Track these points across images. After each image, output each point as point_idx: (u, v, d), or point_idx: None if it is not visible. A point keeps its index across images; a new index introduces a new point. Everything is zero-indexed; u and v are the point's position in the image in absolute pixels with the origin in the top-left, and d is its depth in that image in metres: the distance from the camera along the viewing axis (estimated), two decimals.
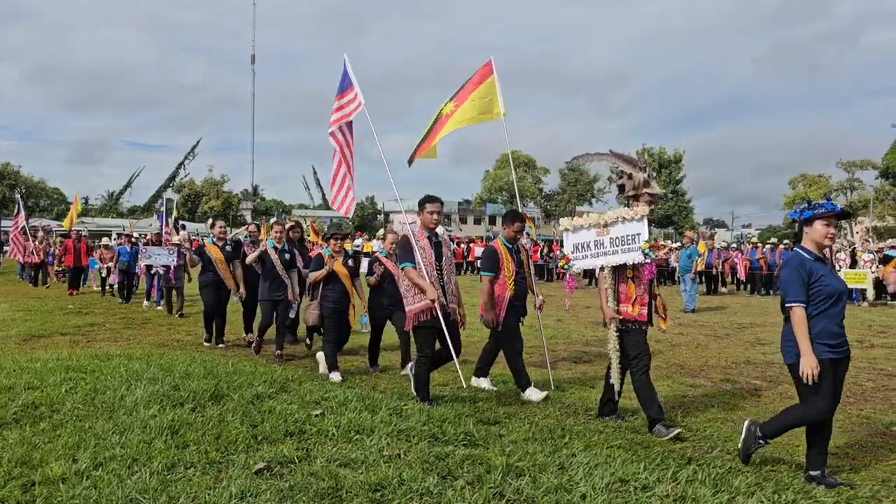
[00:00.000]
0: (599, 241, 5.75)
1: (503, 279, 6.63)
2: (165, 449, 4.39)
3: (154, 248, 15.06)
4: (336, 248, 7.95)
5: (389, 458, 4.37)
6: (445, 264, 6.18)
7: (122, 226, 40.53)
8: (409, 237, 6.12)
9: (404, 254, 6.03)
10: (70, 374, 6.65)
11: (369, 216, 71.51)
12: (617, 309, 5.56)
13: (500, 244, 6.83)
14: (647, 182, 5.84)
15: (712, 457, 4.77)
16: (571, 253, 5.94)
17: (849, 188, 58.94)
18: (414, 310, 5.99)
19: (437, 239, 6.20)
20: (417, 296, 5.98)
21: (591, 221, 5.81)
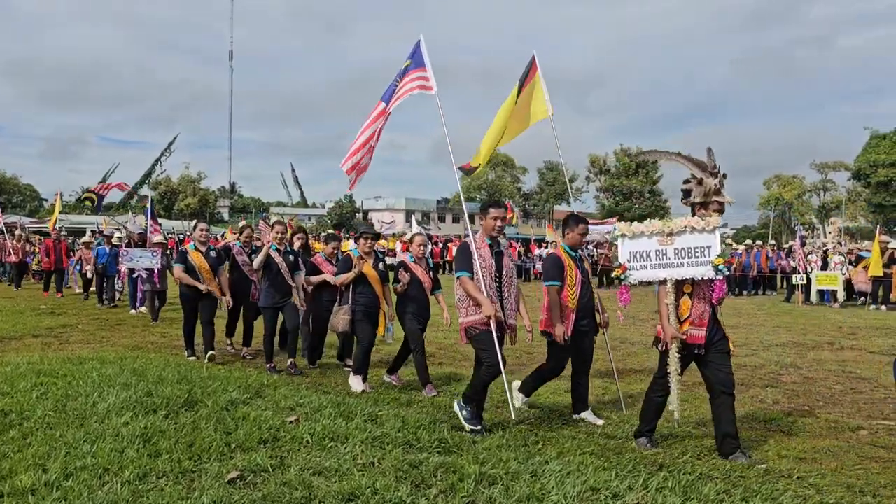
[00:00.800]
0: (662, 251, 5.24)
1: (567, 289, 6.00)
2: (137, 458, 4.36)
3: (136, 250, 14.08)
4: (366, 249, 7.40)
5: (363, 466, 4.38)
6: (506, 276, 5.72)
7: (97, 223, 40.00)
8: (470, 244, 5.65)
9: (462, 261, 5.61)
10: (41, 378, 6.56)
11: (347, 214, 71.22)
12: (677, 327, 5.07)
13: (563, 251, 6.14)
14: (718, 189, 5.38)
15: (683, 462, 4.84)
16: (628, 261, 5.42)
17: (822, 189, 59.97)
18: (467, 323, 5.59)
19: (498, 248, 5.74)
20: (472, 308, 5.56)
21: (654, 228, 5.32)
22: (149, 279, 13.14)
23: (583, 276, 6.08)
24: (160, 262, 13.15)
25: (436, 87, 6.71)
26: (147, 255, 13.37)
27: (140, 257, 13.44)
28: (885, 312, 16.82)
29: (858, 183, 53.33)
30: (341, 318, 7.31)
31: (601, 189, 60.65)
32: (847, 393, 7.59)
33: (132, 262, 13.52)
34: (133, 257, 13.56)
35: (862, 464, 5.06)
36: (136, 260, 13.44)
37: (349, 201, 75.74)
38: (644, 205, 57.77)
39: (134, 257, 13.54)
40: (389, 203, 77.68)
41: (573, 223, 6.19)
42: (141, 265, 13.35)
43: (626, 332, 12.08)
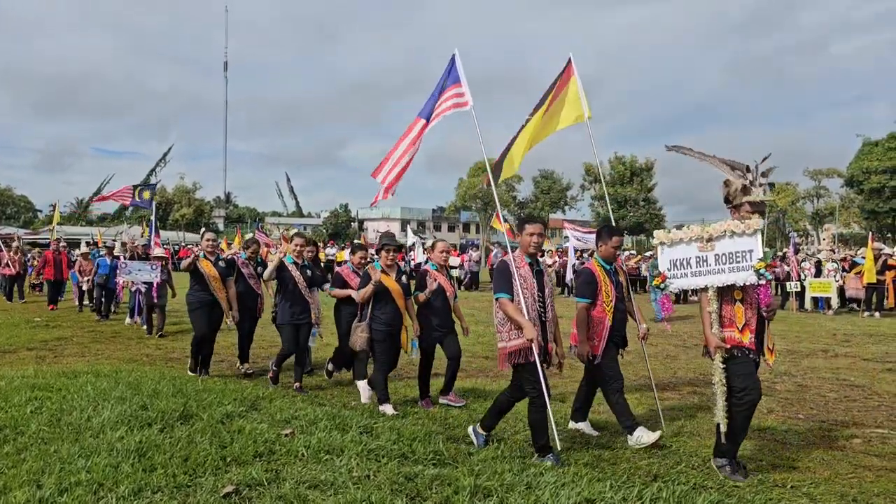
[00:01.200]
0: (702, 257, 5.04)
1: (601, 305, 5.77)
2: (132, 473, 4.36)
3: (135, 262, 13.28)
4: (388, 262, 6.99)
5: (359, 479, 4.38)
6: (548, 296, 5.38)
7: (92, 234, 39.93)
8: (509, 263, 5.31)
9: (501, 282, 5.25)
10: (36, 392, 6.56)
11: (343, 224, 71.22)
12: (722, 336, 4.87)
13: (597, 265, 5.90)
14: (747, 188, 5.16)
15: (677, 472, 4.86)
16: (668, 270, 5.19)
17: (815, 196, 60.11)
18: (509, 348, 5.20)
19: (538, 266, 5.40)
20: (514, 331, 5.17)
21: (692, 235, 5.11)
22: (146, 293, 12.77)
23: (617, 290, 5.86)
24: (159, 275, 12.63)
25: (471, 102, 6.60)
26: (146, 269, 12.78)
27: (139, 270, 12.86)
28: (879, 319, 16.87)
29: (851, 190, 53.52)
30: (359, 335, 6.85)
31: (596, 197, 60.72)
32: (841, 401, 7.62)
33: (129, 274, 13.02)
34: (131, 270, 12.97)
35: (855, 472, 5.08)
36: (135, 273, 12.91)
37: (344, 211, 75.79)
38: (639, 213, 57.91)
39: (132, 270, 12.95)
40: (385, 212, 77.75)
41: (606, 235, 5.96)
42: (139, 278, 12.89)
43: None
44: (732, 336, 4.87)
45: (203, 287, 8.48)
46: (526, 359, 5.15)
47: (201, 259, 8.52)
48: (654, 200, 59.11)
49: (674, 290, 5.33)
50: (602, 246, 5.97)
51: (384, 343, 6.81)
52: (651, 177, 58.75)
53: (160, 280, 12.60)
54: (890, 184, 48.01)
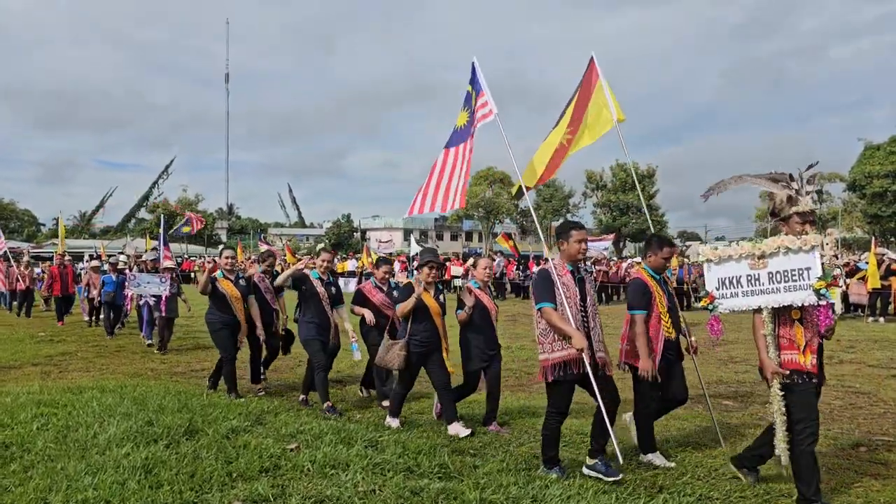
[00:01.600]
0: (754, 275, 4.67)
1: (657, 316, 5.43)
2: (139, 490, 4.37)
3: (144, 275, 12.92)
4: (429, 280, 6.54)
5: (365, 494, 4.39)
6: (590, 305, 5.13)
7: (95, 247, 40.06)
8: (550, 271, 5.08)
9: (543, 291, 5.01)
10: (41, 409, 6.59)
11: (345, 234, 71.30)
12: (780, 360, 4.52)
13: (647, 275, 5.57)
14: (792, 199, 4.85)
15: (682, 484, 4.85)
16: (716, 289, 4.82)
17: (818, 201, 60.05)
18: (553, 360, 4.93)
19: (580, 274, 5.16)
20: (557, 342, 4.94)
21: (743, 251, 4.76)
22: (156, 306, 12.43)
23: (668, 300, 5.55)
24: (169, 288, 12.35)
25: (496, 110, 6.42)
26: (155, 281, 12.45)
27: (147, 282, 12.51)
28: (884, 325, 16.84)
29: (854, 194, 53.52)
30: (396, 353, 6.43)
31: (598, 205, 60.80)
32: (846, 408, 7.61)
33: (139, 287, 12.62)
34: (140, 282, 12.61)
35: (861, 481, 5.07)
36: (144, 285, 12.54)
37: (347, 221, 75.90)
38: (641, 219, 57.94)
39: (141, 282, 12.59)
40: (387, 222, 77.90)
41: (657, 245, 5.63)
42: (148, 291, 12.51)
43: None
44: (793, 359, 4.51)
45: (224, 307, 7.97)
46: (569, 372, 4.91)
47: (220, 279, 8.02)
48: (656, 207, 59.14)
49: (723, 311, 4.83)
50: (651, 256, 5.62)
51: (418, 364, 6.54)
52: (653, 183, 58.82)
53: (169, 293, 12.31)
54: (892, 188, 48.00)
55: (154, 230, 59.83)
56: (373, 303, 7.63)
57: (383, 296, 7.66)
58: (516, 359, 11.13)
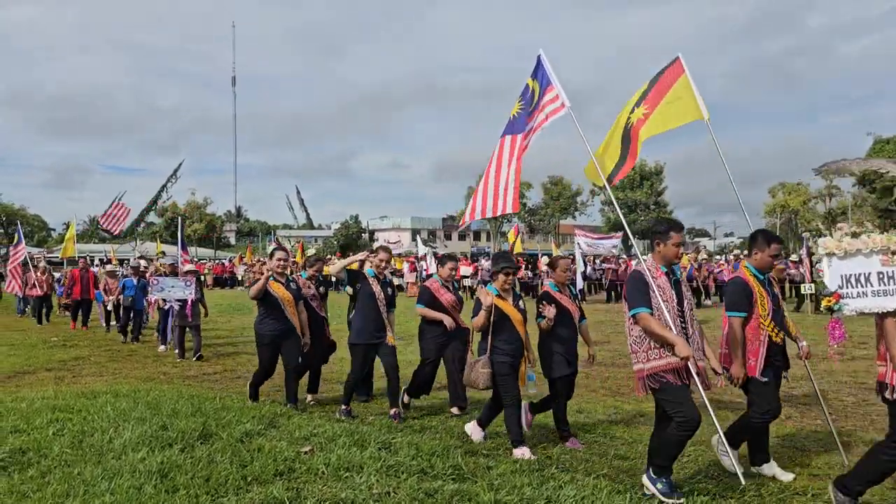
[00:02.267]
0: (887, 273, 4.19)
1: (756, 320, 4.98)
2: (155, 494, 4.41)
3: (168, 279, 12.50)
4: (506, 286, 5.95)
5: (379, 496, 4.41)
6: (687, 308, 4.73)
7: (105, 251, 40.28)
8: (644, 273, 4.67)
9: (637, 295, 4.58)
10: (57, 414, 6.63)
11: (353, 235, 71.42)
12: None
13: (749, 274, 5.09)
14: None
15: (696, 483, 4.86)
16: (841, 287, 4.36)
17: (827, 195, 59.79)
18: (651, 369, 4.51)
19: (676, 276, 4.74)
20: (653, 350, 4.52)
21: (874, 245, 4.26)
22: (180, 312, 11.88)
23: (773, 302, 5.08)
24: (193, 292, 11.91)
25: (568, 103, 5.99)
26: (179, 285, 11.96)
27: (171, 287, 12.03)
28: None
29: (864, 188, 53.23)
30: (481, 372, 5.84)
31: (606, 202, 60.68)
32: (859, 405, 7.58)
33: (163, 291, 12.14)
34: (164, 287, 12.13)
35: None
36: (168, 290, 12.04)
37: (355, 222, 76.04)
38: (649, 217, 57.82)
39: (165, 287, 12.11)
40: (395, 222, 78.02)
41: (763, 241, 5.11)
42: (172, 296, 11.97)
43: None
44: None
45: (277, 314, 7.38)
46: (668, 381, 4.49)
47: (271, 282, 7.43)
48: (664, 204, 59.08)
49: (848, 313, 4.37)
50: (757, 254, 5.10)
51: (509, 377, 5.83)
52: (661, 180, 58.73)
53: (194, 298, 11.91)
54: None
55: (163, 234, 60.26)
56: (442, 303, 7.16)
57: (452, 296, 7.24)
58: None
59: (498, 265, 6.04)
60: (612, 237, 27.81)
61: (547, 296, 6.16)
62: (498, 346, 5.84)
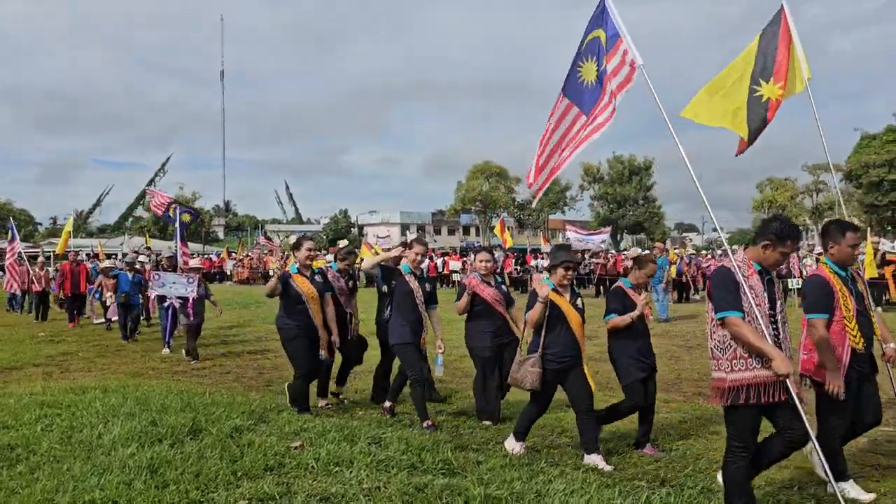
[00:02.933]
0: None
1: (840, 322, 4.50)
2: (145, 490, 4.40)
3: (170, 275, 11.59)
4: (564, 282, 5.49)
5: (369, 491, 4.43)
6: (780, 312, 4.16)
7: (91, 246, 40.00)
8: (734, 271, 4.06)
9: (726, 296, 3.97)
10: (45, 410, 6.62)
11: (342, 230, 71.30)
12: None
13: (829, 271, 4.61)
14: None
15: (685, 476, 4.89)
16: None
17: (815, 191, 60.20)
18: (734, 381, 3.93)
19: (768, 275, 4.19)
20: (739, 360, 3.93)
21: None
22: (181, 310, 11.14)
23: (857, 302, 4.58)
24: (196, 290, 11.10)
25: (640, 60, 5.11)
26: (181, 282, 11.17)
27: (173, 283, 11.21)
28: (881, 314, 16.90)
29: (850, 184, 53.66)
30: (528, 370, 5.35)
31: (595, 197, 60.86)
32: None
33: (163, 287, 11.28)
34: (165, 282, 11.27)
35: (862, 471, 5.12)
36: (169, 286, 11.23)
37: (344, 216, 75.93)
38: (638, 211, 58.05)
39: (166, 283, 11.26)
40: (384, 217, 77.90)
41: (838, 232, 4.61)
42: (174, 293, 11.19)
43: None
44: None
45: (298, 310, 6.81)
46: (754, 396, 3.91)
47: (294, 274, 6.88)
48: (653, 199, 59.28)
49: None
50: (834, 246, 4.60)
51: (552, 382, 5.43)
52: (650, 175, 58.94)
53: (196, 295, 11.10)
54: (889, 177, 48.06)
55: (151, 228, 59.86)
56: (484, 297, 6.62)
57: (494, 290, 6.66)
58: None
59: (558, 259, 5.53)
60: (602, 232, 28.00)
61: (620, 293, 5.76)
62: (549, 344, 5.36)
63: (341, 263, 7.80)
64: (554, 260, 5.60)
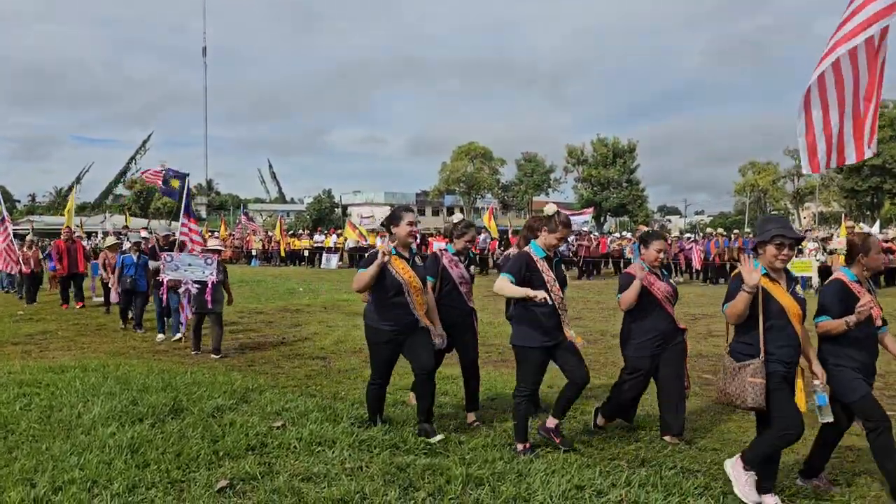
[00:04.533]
0: None
1: None
2: (126, 469, 4.39)
3: (185, 255, 10.05)
4: (776, 263, 4.13)
5: (352, 470, 4.44)
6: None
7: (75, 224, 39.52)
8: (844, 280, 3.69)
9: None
10: (24, 388, 6.57)
11: (326, 210, 70.96)
12: None
13: None
14: None
15: (664, 457, 4.94)
16: None
17: (796, 175, 60.64)
18: None
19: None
20: None
21: None
22: (197, 297, 9.53)
23: None
24: (216, 273, 9.57)
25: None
26: (199, 263, 9.69)
27: (189, 265, 9.75)
28: None
29: (831, 168, 54.13)
30: (749, 381, 4.05)
31: (579, 179, 60.94)
32: None
33: (177, 271, 9.81)
34: (179, 265, 9.82)
35: (839, 452, 5.15)
36: (184, 269, 9.78)
37: (328, 196, 75.51)
38: (621, 194, 58.22)
39: (180, 265, 9.80)
40: (368, 197, 77.63)
41: None
42: (190, 276, 9.64)
43: (605, 324, 12.23)
44: None
45: (396, 305, 5.23)
46: None
47: (393, 256, 5.25)
48: (636, 182, 59.43)
49: None
50: None
51: (782, 392, 4.10)
52: (633, 158, 59.05)
53: (216, 279, 9.57)
54: (869, 162, 48.56)
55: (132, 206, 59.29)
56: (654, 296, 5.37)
57: (665, 284, 5.47)
58: (499, 334, 11.20)
59: (767, 232, 4.15)
60: (584, 213, 28.01)
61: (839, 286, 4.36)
62: (772, 348, 4.11)
63: (460, 242, 5.93)
64: (762, 234, 4.19)
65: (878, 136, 4.84)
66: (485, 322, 12.48)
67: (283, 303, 15.64)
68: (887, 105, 49.86)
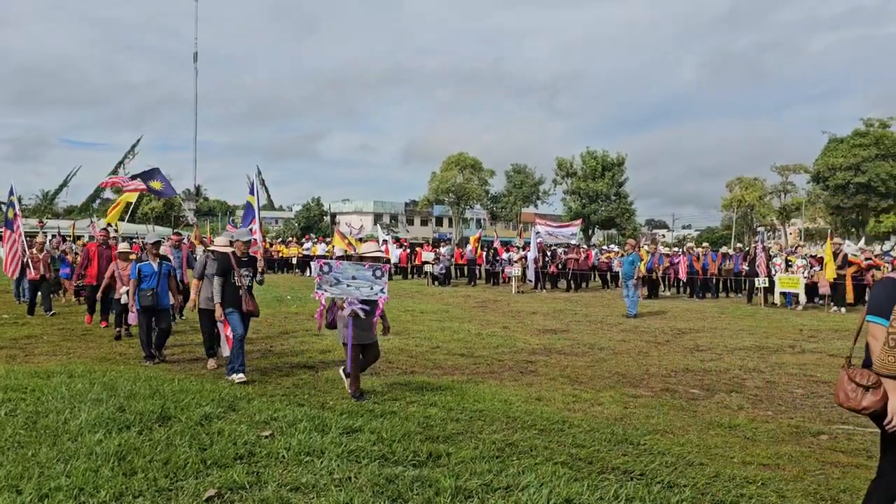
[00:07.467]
0: None
1: None
2: (113, 477, 4.36)
3: (348, 265, 7.41)
4: None
5: (340, 481, 4.43)
6: None
7: (59, 227, 39.17)
8: None
9: None
10: (9, 394, 6.50)
11: (315, 217, 70.81)
12: None
13: None
14: None
15: (652, 470, 4.96)
16: None
17: (782, 191, 61.16)
18: None
19: None
20: None
21: None
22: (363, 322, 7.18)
23: None
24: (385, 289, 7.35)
25: None
26: (365, 276, 7.29)
27: (352, 278, 7.24)
28: (844, 315, 17.26)
29: (817, 185, 54.62)
30: None
31: (568, 192, 61.18)
32: (808, 397, 7.82)
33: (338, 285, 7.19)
34: (341, 277, 7.24)
35: (823, 469, 5.24)
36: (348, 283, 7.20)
37: (316, 204, 75.36)
38: (610, 207, 58.49)
39: (342, 277, 7.24)
40: (357, 206, 77.51)
41: None
42: (355, 294, 7.13)
43: (594, 336, 12.27)
44: None
45: None
46: None
47: None
48: (625, 195, 59.71)
49: None
50: None
51: None
52: (622, 171, 59.35)
53: (386, 298, 7.39)
54: (854, 180, 49.11)
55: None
56: None
57: None
58: (487, 346, 11.22)
59: None
60: (572, 225, 28.12)
61: None
62: None
63: None
64: None
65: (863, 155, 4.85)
66: (472, 333, 12.50)
67: (270, 311, 15.57)
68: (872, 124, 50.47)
